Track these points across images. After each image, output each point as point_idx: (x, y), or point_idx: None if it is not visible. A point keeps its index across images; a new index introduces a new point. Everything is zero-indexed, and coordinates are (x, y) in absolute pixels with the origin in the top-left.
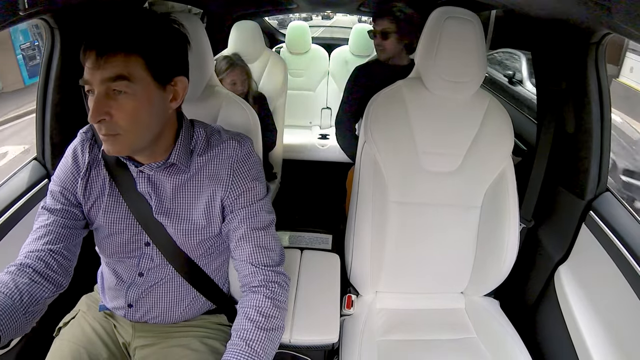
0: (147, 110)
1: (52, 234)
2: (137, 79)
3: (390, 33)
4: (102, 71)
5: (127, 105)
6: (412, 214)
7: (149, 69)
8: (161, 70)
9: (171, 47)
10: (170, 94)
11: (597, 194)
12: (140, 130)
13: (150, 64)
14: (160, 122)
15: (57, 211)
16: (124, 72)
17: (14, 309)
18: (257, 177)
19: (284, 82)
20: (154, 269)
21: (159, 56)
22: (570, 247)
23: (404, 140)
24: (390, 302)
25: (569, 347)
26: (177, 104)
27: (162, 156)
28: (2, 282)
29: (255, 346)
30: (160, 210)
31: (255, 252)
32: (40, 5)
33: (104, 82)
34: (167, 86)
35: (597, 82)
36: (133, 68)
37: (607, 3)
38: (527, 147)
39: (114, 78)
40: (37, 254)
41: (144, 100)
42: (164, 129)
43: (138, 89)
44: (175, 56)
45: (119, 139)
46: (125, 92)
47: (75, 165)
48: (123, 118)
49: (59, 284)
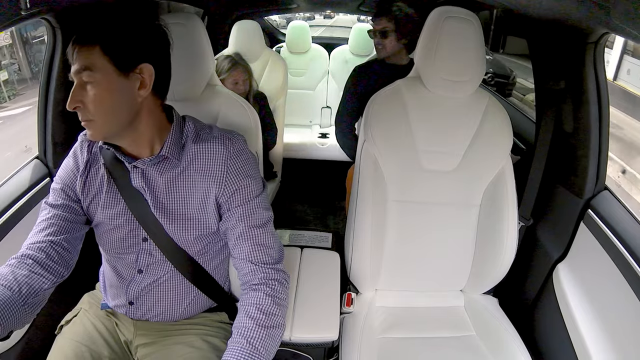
0: (110, 96)
1: (53, 227)
2: (98, 67)
3: (389, 32)
4: (75, 64)
5: (91, 93)
6: (411, 213)
7: (109, 57)
8: (121, 58)
9: (131, 35)
10: (137, 81)
11: (596, 193)
12: (107, 116)
13: (108, 52)
14: (130, 109)
15: (59, 206)
16: (86, 63)
17: (13, 300)
18: (251, 174)
19: (284, 82)
20: (153, 266)
21: (117, 44)
22: (568, 246)
23: (403, 139)
24: (390, 300)
25: (568, 345)
26: (146, 92)
27: (151, 151)
28: (2, 275)
29: (256, 344)
30: (155, 205)
31: (254, 250)
32: (42, 4)
33: (76, 74)
34: (130, 74)
35: (595, 82)
36: (94, 58)
37: (605, 3)
38: (526, 146)
39: (81, 69)
40: (38, 245)
41: (105, 87)
42: (141, 118)
43: (98, 77)
44: (137, 44)
45: (92, 124)
46: (89, 82)
47: (75, 164)
48: (91, 105)
49: (59, 274)
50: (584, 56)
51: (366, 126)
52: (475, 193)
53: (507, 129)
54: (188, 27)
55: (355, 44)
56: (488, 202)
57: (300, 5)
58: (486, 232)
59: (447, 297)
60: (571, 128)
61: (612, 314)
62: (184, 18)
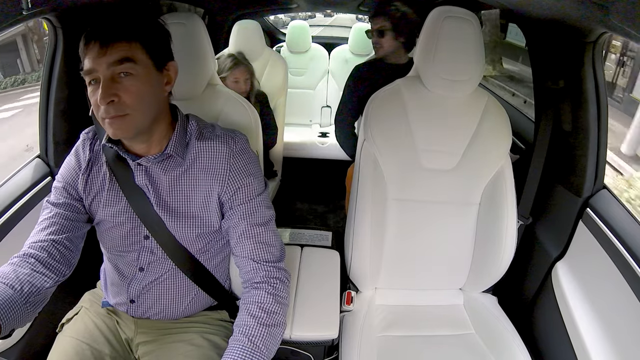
0: (149, 90)
1: (55, 226)
2: (140, 61)
3: (387, 30)
4: (108, 57)
5: (133, 87)
6: (411, 211)
7: (148, 54)
8: (158, 55)
9: (162, 34)
10: (165, 77)
11: (594, 192)
12: (145, 109)
13: (148, 49)
14: (159, 104)
15: (61, 205)
16: (129, 55)
17: (15, 299)
18: (254, 172)
19: (284, 81)
20: (154, 264)
21: (154, 42)
22: (567, 244)
23: (403, 138)
24: (390, 298)
25: (566, 343)
26: (170, 87)
27: (157, 148)
28: (4, 273)
29: (257, 342)
30: (158, 203)
31: (257, 249)
32: (44, 4)
33: (110, 66)
34: (162, 70)
35: (594, 81)
36: (135, 52)
37: (604, 3)
38: (525, 145)
39: (120, 61)
40: (40, 244)
41: (146, 81)
42: (160, 116)
43: (141, 70)
44: (166, 43)
45: (126, 119)
46: (130, 74)
47: (77, 162)
48: (130, 98)
49: (61, 273)
50: (583, 56)
51: (366, 125)
52: (474, 192)
53: (506, 128)
54: (188, 26)
55: (355, 43)
56: (487, 201)
57: (300, 5)
58: (485, 231)
59: (447, 296)
60: (570, 127)
61: (611, 312)
62: (185, 18)
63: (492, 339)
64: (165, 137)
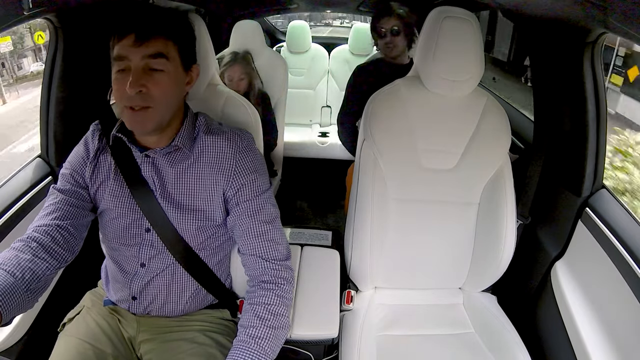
0: (174, 87)
1: (60, 211)
2: (172, 59)
3: (400, 29)
4: (145, 49)
5: (162, 81)
6: (410, 211)
7: (180, 53)
8: (187, 57)
9: (192, 37)
10: (188, 78)
11: (593, 191)
12: (168, 104)
13: (181, 49)
14: (180, 101)
15: (66, 191)
16: (164, 51)
17: (16, 286)
18: (259, 170)
19: (284, 81)
20: (154, 258)
21: (186, 44)
22: (566, 244)
23: (403, 138)
24: (389, 297)
25: (566, 342)
26: (189, 88)
27: (166, 142)
28: (5, 259)
29: (263, 344)
30: (162, 195)
31: (265, 246)
32: (45, 5)
33: (145, 58)
34: (188, 71)
35: (593, 81)
36: (170, 50)
37: (603, 3)
38: (525, 145)
39: (155, 55)
40: (44, 228)
41: (174, 78)
42: (177, 112)
43: (171, 67)
44: (195, 46)
45: (149, 112)
46: (161, 70)
47: (86, 151)
48: (157, 91)
49: (63, 259)
50: (582, 56)
51: (366, 125)
52: (474, 191)
53: (506, 128)
54: None
55: (355, 43)
56: (487, 201)
57: (300, 5)
58: (485, 230)
59: (446, 295)
60: (569, 127)
61: (610, 311)
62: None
63: (492, 338)
64: (175, 132)
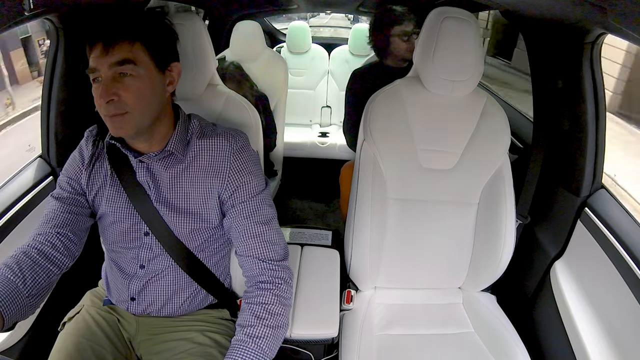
0: (149, 90)
1: (58, 218)
2: (141, 62)
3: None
4: (110, 57)
5: (133, 86)
6: (410, 211)
7: (150, 55)
8: (160, 56)
9: (165, 36)
10: (168, 78)
11: (592, 191)
12: (145, 108)
13: (150, 50)
14: (160, 104)
15: (64, 199)
16: (130, 56)
17: (17, 292)
18: (254, 171)
19: (284, 81)
20: (154, 260)
21: (157, 44)
22: (565, 243)
23: (402, 138)
24: (389, 297)
25: (565, 341)
26: (172, 88)
27: (159, 146)
28: (7, 266)
29: (261, 343)
30: (157, 199)
31: (261, 247)
32: (46, 5)
33: (112, 66)
34: (165, 71)
35: (592, 81)
36: (137, 53)
37: (602, 4)
38: (524, 145)
39: (121, 62)
40: (44, 236)
41: (147, 81)
42: (162, 115)
43: (142, 71)
44: (170, 44)
45: (126, 117)
46: (130, 75)
47: (81, 157)
48: (130, 97)
49: (64, 265)
50: (581, 56)
51: (366, 125)
52: (473, 191)
53: (505, 128)
54: (189, 27)
55: (355, 44)
56: (486, 200)
57: (300, 5)
58: (484, 230)
59: (446, 294)
60: (568, 127)
61: (609, 310)
62: (185, 18)
63: (491, 337)
64: (167, 135)
